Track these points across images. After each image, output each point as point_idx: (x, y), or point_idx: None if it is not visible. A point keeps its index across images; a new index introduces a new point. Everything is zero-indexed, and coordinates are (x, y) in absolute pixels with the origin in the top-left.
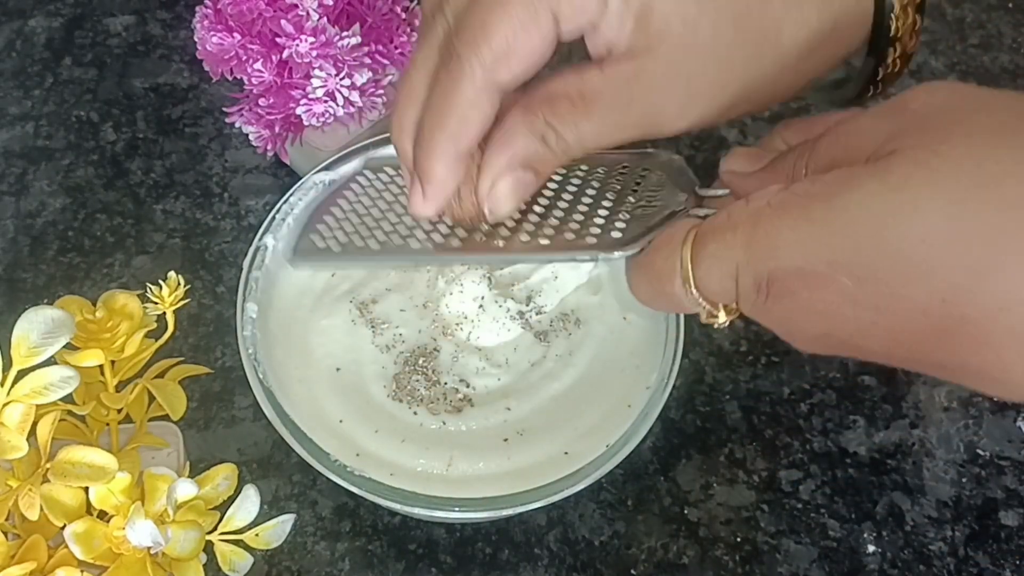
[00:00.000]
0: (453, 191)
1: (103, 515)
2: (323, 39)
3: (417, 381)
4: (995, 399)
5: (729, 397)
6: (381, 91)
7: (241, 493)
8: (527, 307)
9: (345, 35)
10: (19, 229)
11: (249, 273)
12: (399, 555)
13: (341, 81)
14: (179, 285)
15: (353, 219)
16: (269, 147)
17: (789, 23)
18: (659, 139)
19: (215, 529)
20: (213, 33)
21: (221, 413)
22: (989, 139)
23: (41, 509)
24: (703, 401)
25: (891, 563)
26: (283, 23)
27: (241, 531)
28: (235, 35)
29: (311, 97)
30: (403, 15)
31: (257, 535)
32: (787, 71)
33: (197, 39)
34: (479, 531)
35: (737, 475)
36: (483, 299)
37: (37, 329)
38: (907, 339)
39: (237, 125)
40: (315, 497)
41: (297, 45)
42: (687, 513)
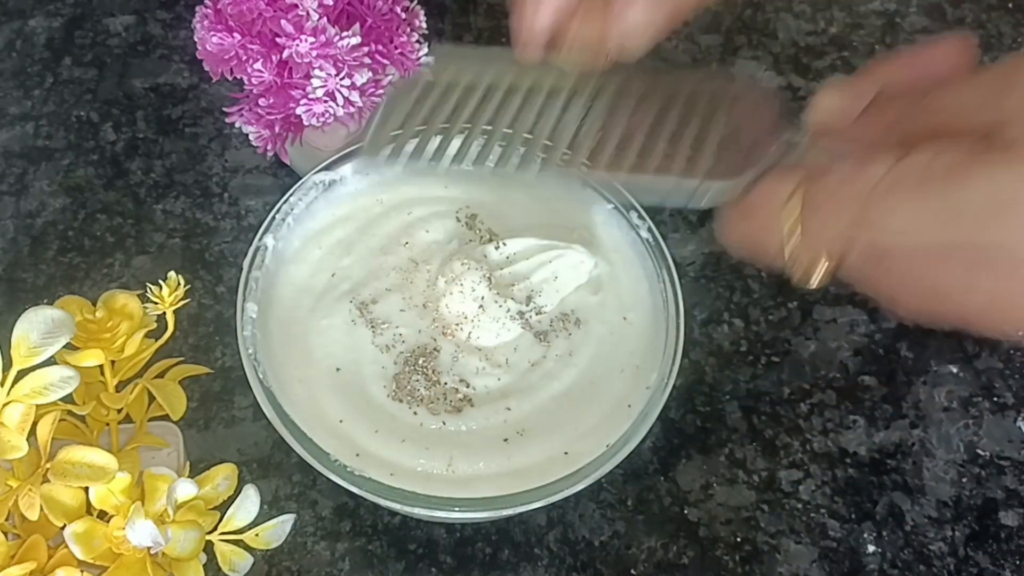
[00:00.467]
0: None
1: (103, 515)
2: (323, 39)
3: (417, 381)
4: (995, 399)
5: (729, 397)
6: (381, 91)
7: (241, 493)
8: (527, 307)
9: (345, 35)
10: (19, 229)
11: (249, 273)
12: (399, 555)
13: (341, 81)
14: (179, 285)
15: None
16: (269, 147)
17: None
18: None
19: (215, 529)
20: (213, 33)
21: (221, 413)
22: None
23: (41, 509)
24: (703, 401)
25: (891, 563)
26: (283, 23)
27: (241, 531)
28: (235, 35)
29: (311, 97)
30: (403, 15)
31: (257, 535)
32: None
33: (197, 39)
34: (479, 531)
35: (737, 475)
36: (483, 299)
37: (37, 329)
38: (1019, 315)
39: (237, 125)
40: (315, 497)
41: (297, 45)
42: (687, 513)
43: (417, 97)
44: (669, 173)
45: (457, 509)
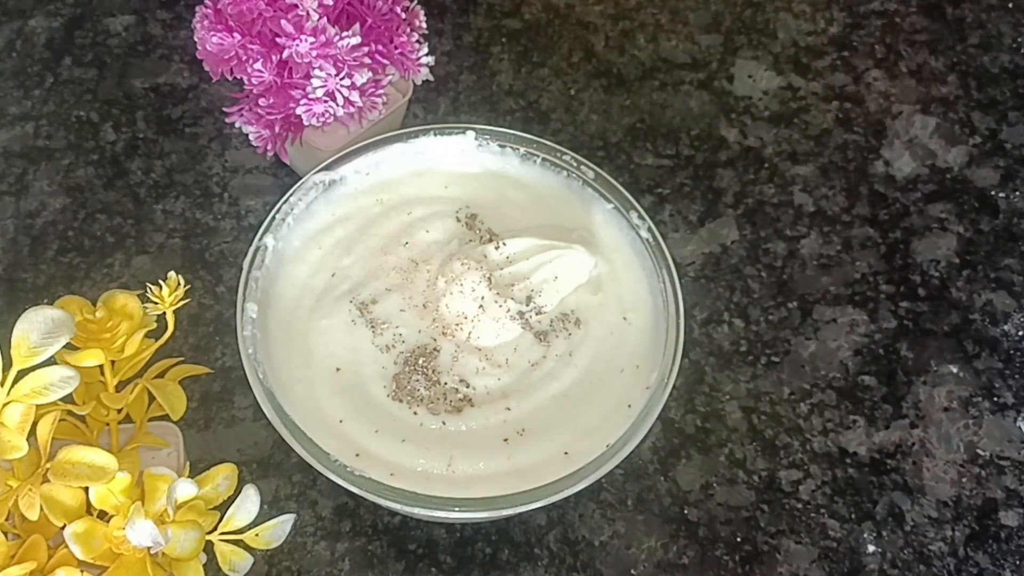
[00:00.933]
0: None
1: (103, 515)
2: (323, 39)
3: (417, 381)
4: (995, 399)
5: (729, 397)
6: (381, 91)
7: (241, 493)
8: (527, 307)
9: (345, 35)
10: (19, 229)
11: (249, 273)
12: (399, 555)
13: (341, 81)
14: (179, 285)
15: None
16: (269, 147)
17: None
18: None
19: (215, 529)
20: (213, 33)
21: (221, 413)
22: None
23: (41, 509)
24: (703, 401)
25: (891, 563)
26: (283, 23)
27: (241, 531)
28: (235, 35)
29: (311, 97)
30: (403, 15)
31: (257, 535)
32: None
33: (197, 39)
34: (479, 531)
35: (737, 475)
36: (483, 299)
37: (37, 329)
38: None
39: (237, 125)
40: (315, 497)
41: (297, 45)
42: (687, 513)
43: None
44: None
45: (457, 509)
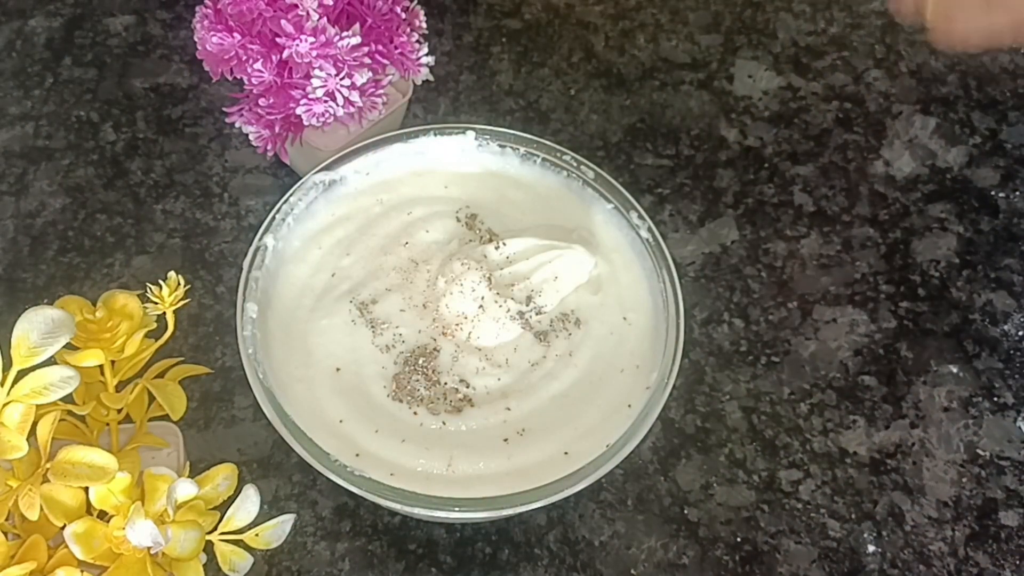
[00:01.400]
0: None
1: (103, 515)
2: (323, 39)
3: (417, 381)
4: (995, 399)
5: (729, 397)
6: (381, 91)
7: (241, 493)
8: (527, 307)
9: (345, 35)
10: (19, 229)
11: (249, 273)
12: (399, 555)
13: (341, 81)
14: (179, 285)
15: None
16: (269, 147)
17: None
18: None
19: (215, 529)
20: (213, 33)
21: (221, 413)
22: None
23: (41, 509)
24: (703, 401)
25: (891, 563)
26: (283, 23)
27: (241, 531)
28: (235, 35)
29: (311, 97)
30: (403, 15)
31: (257, 535)
32: None
33: (197, 39)
34: (479, 531)
35: (737, 475)
36: (483, 299)
37: (37, 329)
38: None
39: (237, 125)
40: (315, 497)
41: (297, 45)
42: (687, 513)
43: None
44: None
45: (457, 509)
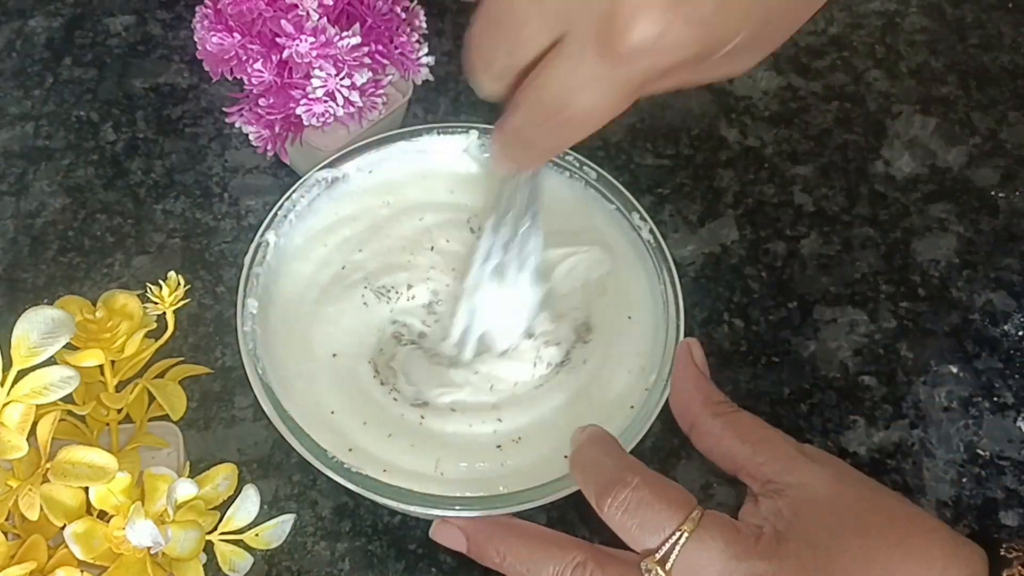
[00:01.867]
0: None
1: (103, 515)
2: (323, 39)
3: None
4: (996, 399)
5: (729, 397)
6: (381, 91)
7: (241, 493)
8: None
9: (345, 35)
10: (19, 229)
11: (251, 269)
12: (399, 555)
13: (341, 81)
14: (179, 285)
15: None
16: (269, 147)
17: None
18: None
19: (215, 529)
20: (213, 33)
21: (221, 413)
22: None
23: (41, 509)
24: None
25: None
26: (283, 23)
27: (241, 531)
28: (235, 35)
29: (311, 97)
30: (403, 15)
31: (257, 535)
32: None
33: (197, 39)
34: None
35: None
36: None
37: (37, 329)
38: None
39: (237, 125)
40: (315, 497)
41: (297, 45)
42: None
43: None
44: None
45: (456, 508)
